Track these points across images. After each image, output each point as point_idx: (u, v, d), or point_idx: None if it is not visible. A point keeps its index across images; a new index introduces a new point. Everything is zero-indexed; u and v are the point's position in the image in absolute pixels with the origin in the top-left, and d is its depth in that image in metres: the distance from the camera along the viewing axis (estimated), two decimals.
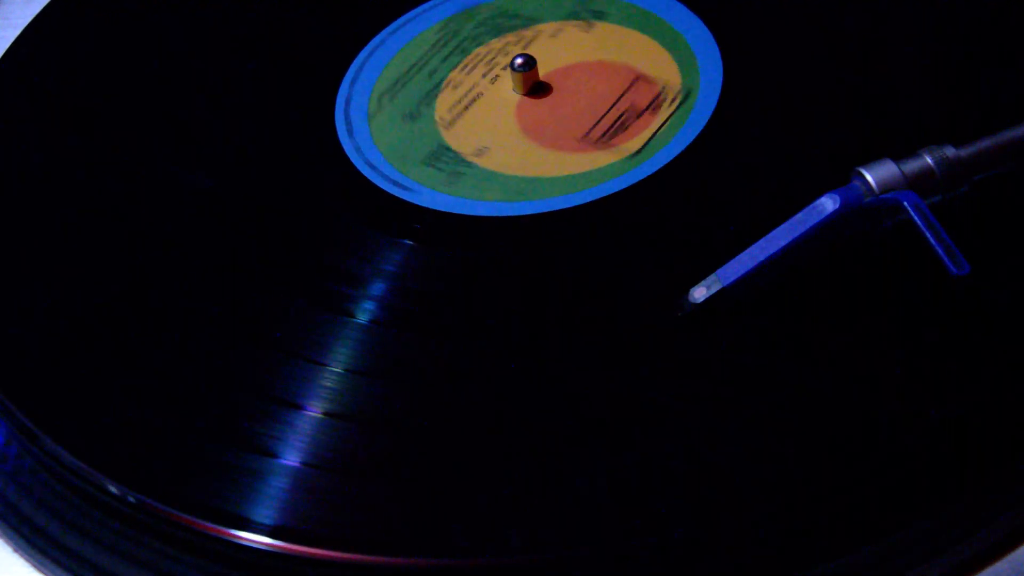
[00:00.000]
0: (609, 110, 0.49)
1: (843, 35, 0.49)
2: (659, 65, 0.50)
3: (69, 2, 0.59)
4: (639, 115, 0.48)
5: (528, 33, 0.52)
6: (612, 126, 0.48)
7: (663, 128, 0.47)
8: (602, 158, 0.47)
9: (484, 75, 0.51)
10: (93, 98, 0.54)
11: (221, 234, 0.46)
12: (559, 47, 0.52)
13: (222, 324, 0.43)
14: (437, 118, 0.49)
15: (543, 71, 0.50)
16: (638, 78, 0.50)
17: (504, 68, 0.51)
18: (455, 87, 0.50)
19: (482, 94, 0.50)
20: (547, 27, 0.53)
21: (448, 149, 0.48)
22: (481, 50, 0.52)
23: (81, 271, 0.46)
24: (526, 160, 0.47)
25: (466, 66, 0.51)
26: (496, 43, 0.52)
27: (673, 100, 0.48)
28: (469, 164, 0.47)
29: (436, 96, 0.50)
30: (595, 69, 0.51)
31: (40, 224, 0.48)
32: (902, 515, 0.36)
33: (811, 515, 0.35)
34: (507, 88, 0.50)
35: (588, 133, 0.48)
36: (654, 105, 0.48)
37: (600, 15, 0.53)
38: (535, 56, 0.50)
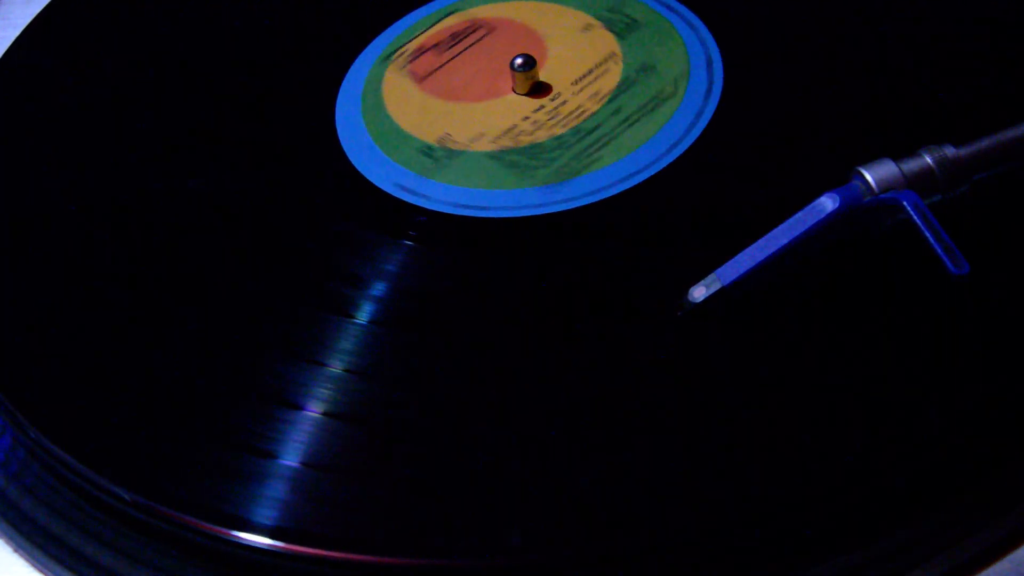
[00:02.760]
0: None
1: (843, 35, 0.49)
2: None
3: (69, 2, 0.59)
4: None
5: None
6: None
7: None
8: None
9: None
10: (93, 98, 0.54)
11: (222, 234, 0.46)
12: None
13: (222, 324, 0.43)
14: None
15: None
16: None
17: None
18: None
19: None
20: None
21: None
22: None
23: (81, 271, 0.46)
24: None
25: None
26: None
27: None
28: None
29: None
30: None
31: (40, 224, 0.48)
32: (902, 515, 0.36)
33: (811, 515, 0.35)
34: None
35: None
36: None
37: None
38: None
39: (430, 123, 0.50)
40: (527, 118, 0.49)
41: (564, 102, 0.49)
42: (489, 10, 0.54)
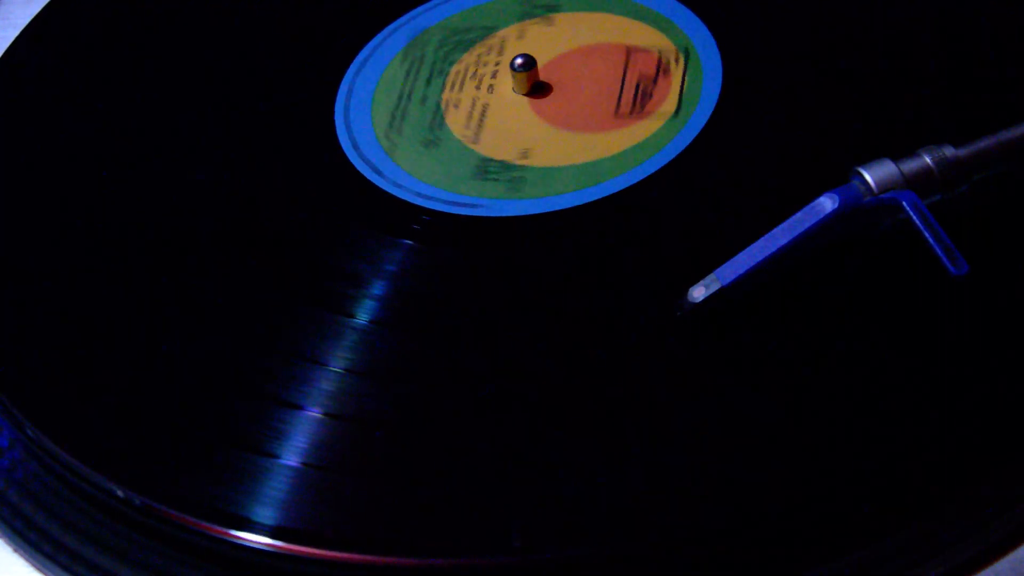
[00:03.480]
0: (624, 84, 0.49)
1: (843, 34, 0.49)
2: (641, 35, 0.51)
3: (69, 2, 0.59)
4: (654, 80, 0.49)
5: (493, 41, 0.52)
6: (636, 97, 0.48)
7: (686, 84, 0.48)
8: (647, 126, 0.47)
9: (477, 87, 0.51)
10: (93, 98, 0.54)
11: (222, 234, 0.46)
12: (534, 45, 0.52)
13: (222, 324, 0.43)
14: (459, 137, 0.49)
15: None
16: (630, 50, 0.50)
17: (493, 76, 0.51)
18: (456, 105, 0.50)
19: (488, 104, 0.50)
20: (508, 31, 0.53)
21: (491, 160, 0.48)
22: (459, 67, 0.52)
23: (81, 271, 0.46)
24: (573, 148, 0.47)
25: (453, 85, 0.51)
26: (468, 57, 0.52)
27: (677, 59, 0.49)
28: (521, 168, 0.47)
29: (444, 118, 0.50)
30: (583, 55, 0.51)
31: (41, 224, 0.48)
32: (902, 515, 0.36)
33: (811, 515, 0.35)
34: (508, 92, 0.50)
35: (618, 109, 0.48)
36: (662, 68, 0.49)
37: (554, 7, 0.53)
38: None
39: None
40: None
41: None
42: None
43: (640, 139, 0.47)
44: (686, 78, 0.48)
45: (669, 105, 0.48)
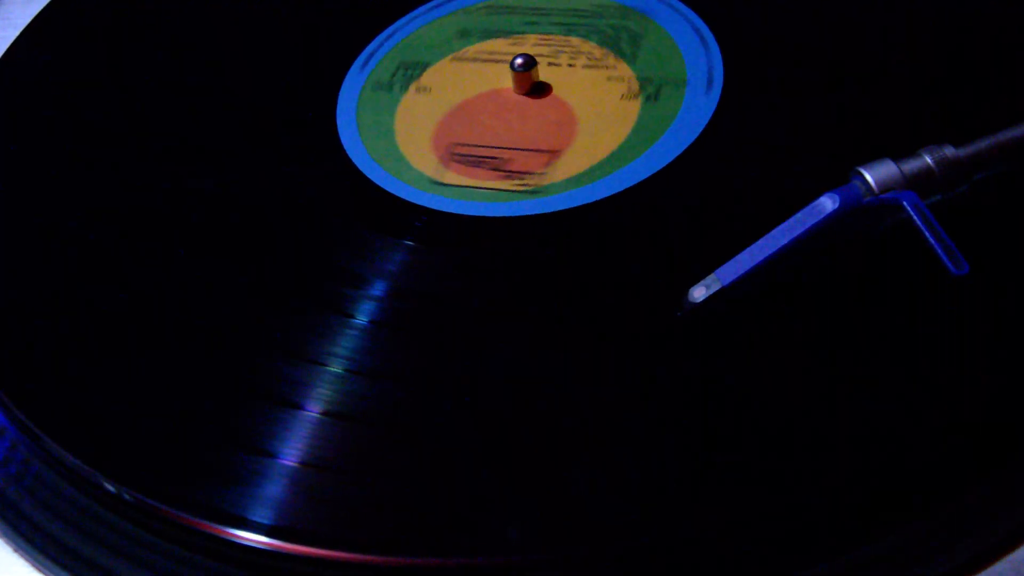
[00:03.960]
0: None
1: (843, 34, 0.49)
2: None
3: (69, 2, 0.59)
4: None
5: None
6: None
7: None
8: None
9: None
10: (93, 98, 0.54)
11: (222, 234, 0.47)
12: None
13: (222, 324, 0.43)
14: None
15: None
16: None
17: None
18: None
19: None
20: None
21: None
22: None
23: (81, 271, 0.46)
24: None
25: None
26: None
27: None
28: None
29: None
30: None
31: (40, 224, 0.48)
32: (902, 515, 0.36)
33: (811, 515, 0.35)
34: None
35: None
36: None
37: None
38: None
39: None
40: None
41: None
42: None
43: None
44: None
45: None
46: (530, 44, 0.52)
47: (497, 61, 0.52)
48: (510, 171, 0.47)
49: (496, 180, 0.47)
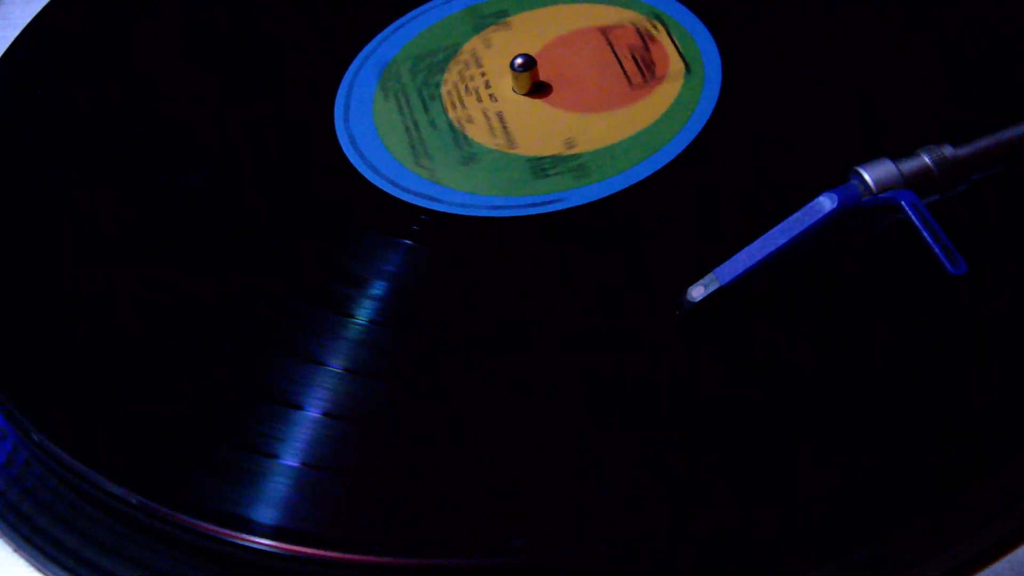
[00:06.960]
0: (620, 59, 0.50)
1: (843, 34, 0.49)
2: (605, 15, 0.52)
3: (69, 2, 0.59)
4: (646, 48, 0.49)
5: (463, 56, 0.52)
6: (640, 67, 0.49)
7: (678, 43, 0.49)
8: (669, 88, 0.48)
9: (479, 100, 0.50)
10: (93, 98, 0.54)
11: (222, 234, 0.47)
12: (504, 50, 0.52)
13: (222, 324, 0.43)
14: (493, 147, 0.48)
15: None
16: (605, 30, 0.51)
17: (487, 86, 0.50)
18: (471, 120, 0.49)
19: (502, 111, 0.50)
20: (472, 44, 0.53)
21: (542, 158, 0.47)
22: (447, 87, 0.51)
23: (81, 271, 0.46)
24: (614, 125, 0.47)
25: (453, 104, 0.50)
26: (450, 76, 0.52)
27: (655, 25, 0.50)
28: (577, 156, 0.47)
29: (467, 136, 0.49)
30: (561, 47, 0.51)
31: (40, 224, 0.48)
32: (902, 515, 0.36)
33: (811, 515, 0.35)
34: (512, 95, 0.50)
35: (631, 82, 0.49)
36: (646, 36, 0.50)
37: (504, 13, 0.53)
38: (495, 64, 0.51)
39: None
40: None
41: None
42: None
43: (670, 101, 0.47)
44: (674, 38, 0.49)
45: (676, 65, 0.48)
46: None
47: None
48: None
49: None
